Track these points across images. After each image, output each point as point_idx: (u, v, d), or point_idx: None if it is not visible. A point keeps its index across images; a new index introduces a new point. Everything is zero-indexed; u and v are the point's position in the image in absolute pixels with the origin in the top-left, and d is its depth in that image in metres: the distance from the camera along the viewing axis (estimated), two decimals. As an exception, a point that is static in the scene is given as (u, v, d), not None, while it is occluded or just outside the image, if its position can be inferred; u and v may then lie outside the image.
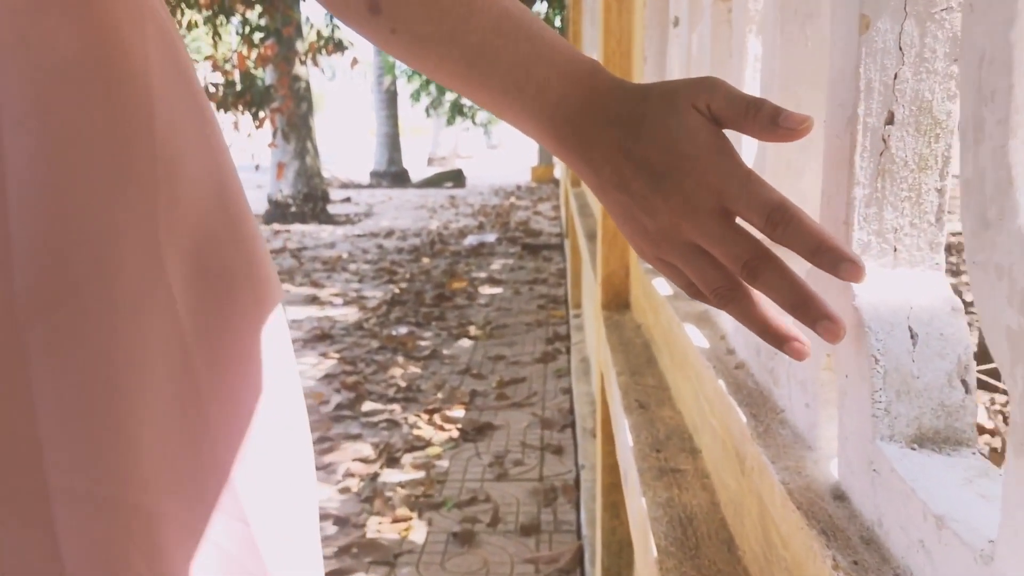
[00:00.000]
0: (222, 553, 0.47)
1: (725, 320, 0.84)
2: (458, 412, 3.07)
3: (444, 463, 2.64)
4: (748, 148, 0.77)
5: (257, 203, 9.02)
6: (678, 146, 0.44)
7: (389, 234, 8.06)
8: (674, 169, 0.44)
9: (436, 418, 2.98)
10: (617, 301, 1.46)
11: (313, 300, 5.08)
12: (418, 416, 3.01)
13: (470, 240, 7.46)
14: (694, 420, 0.87)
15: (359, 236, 7.95)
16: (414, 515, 2.28)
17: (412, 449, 2.73)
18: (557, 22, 12.17)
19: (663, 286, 1.14)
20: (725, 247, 0.43)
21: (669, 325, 1.02)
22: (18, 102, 0.40)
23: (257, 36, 7.56)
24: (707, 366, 0.77)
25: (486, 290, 5.37)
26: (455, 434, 2.86)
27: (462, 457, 2.68)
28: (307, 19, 8.27)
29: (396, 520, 2.25)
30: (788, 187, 0.67)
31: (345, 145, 27.85)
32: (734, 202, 0.43)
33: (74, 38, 0.42)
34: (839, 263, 0.41)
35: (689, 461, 0.81)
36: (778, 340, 0.44)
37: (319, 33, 8.01)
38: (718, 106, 0.44)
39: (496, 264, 6.33)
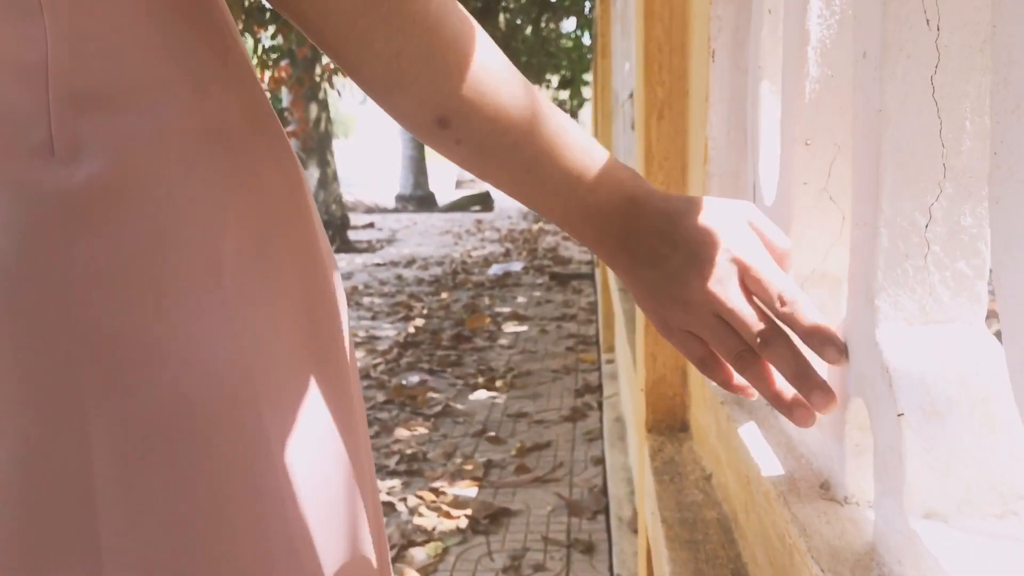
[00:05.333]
0: None
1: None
2: (469, 491, 2.58)
3: (447, 564, 2.15)
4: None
5: (274, 231, 8.61)
6: (718, 228, 0.51)
7: (410, 263, 7.62)
8: (708, 247, 0.50)
9: (442, 501, 2.50)
10: (669, 421, 0.96)
11: (320, 342, 4.62)
12: (420, 498, 2.53)
13: (495, 269, 6.99)
14: None
15: (378, 265, 7.52)
16: (404, 648, 1.80)
17: (410, 545, 2.25)
18: (586, 39, 11.74)
19: (755, 442, 0.65)
20: (745, 318, 0.50)
21: (779, 542, 0.53)
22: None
23: (271, 57, 7.20)
24: None
25: (510, 328, 4.89)
26: (463, 523, 2.37)
27: (470, 557, 2.19)
28: (323, 39, 7.88)
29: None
30: None
31: (374, 169, 27.59)
32: (756, 281, 0.50)
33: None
34: (826, 344, 0.48)
35: None
36: (787, 403, 0.50)
37: (333, 53, 7.62)
38: (755, 226, 0.53)
39: (521, 297, 5.85)
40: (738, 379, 0.53)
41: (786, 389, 0.50)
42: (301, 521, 0.45)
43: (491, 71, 0.48)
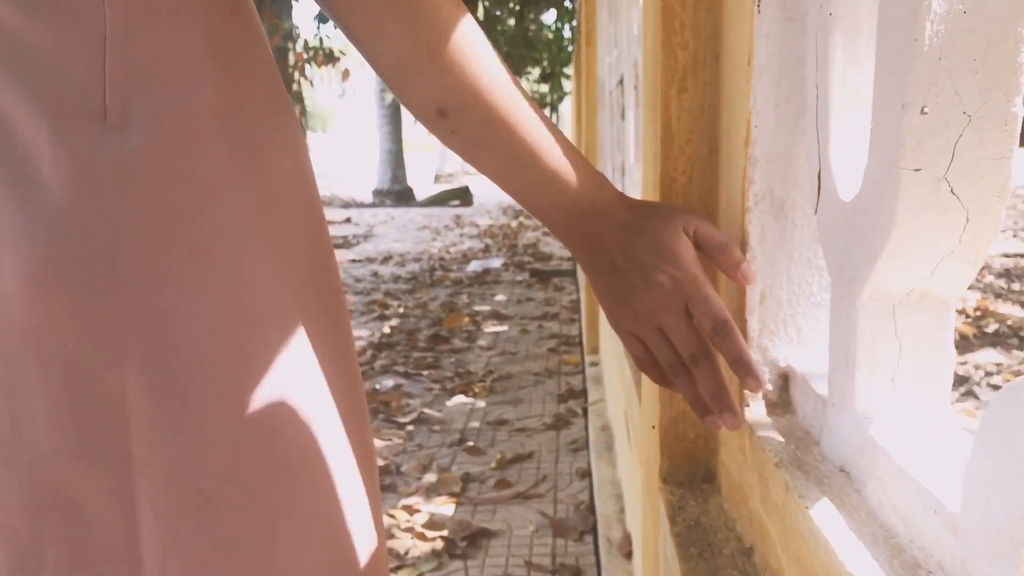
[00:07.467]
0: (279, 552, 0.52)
1: None
2: (446, 508, 2.38)
3: (422, 594, 1.96)
4: None
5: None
6: (669, 255, 0.58)
7: (387, 259, 7.40)
8: (660, 271, 0.58)
9: (416, 520, 2.30)
10: (689, 469, 0.78)
11: (290, 342, 4.41)
12: (392, 516, 2.33)
13: (474, 266, 6.80)
14: None
15: (353, 262, 7.30)
16: None
17: (381, 571, 2.05)
18: (567, 31, 11.54)
19: (836, 532, 0.46)
20: (682, 338, 0.58)
21: None
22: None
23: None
24: None
25: (489, 327, 4.69)
26: (439, 545, 2.17)
27: (446, 585, 2.00)
28: (296, 28, 7.64)
29: None
30: None
31: (352, 163, 27.21)
32: (696, 307, 0.58)
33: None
34: (748, 375, 0.57)
35: None
36: (703, 410, 0.59)
37: (306, 43, 7.37)
38: (700, 236, 0.60)
39: (501, 295, 5.65)
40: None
41: (706, 400, 0.58)
42: (307, 444, 0.52)
43: (488, 73, 0.55)
